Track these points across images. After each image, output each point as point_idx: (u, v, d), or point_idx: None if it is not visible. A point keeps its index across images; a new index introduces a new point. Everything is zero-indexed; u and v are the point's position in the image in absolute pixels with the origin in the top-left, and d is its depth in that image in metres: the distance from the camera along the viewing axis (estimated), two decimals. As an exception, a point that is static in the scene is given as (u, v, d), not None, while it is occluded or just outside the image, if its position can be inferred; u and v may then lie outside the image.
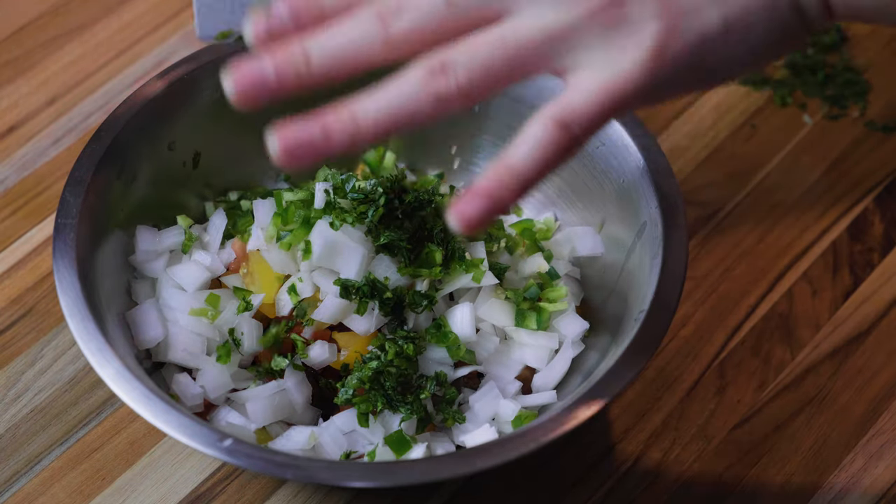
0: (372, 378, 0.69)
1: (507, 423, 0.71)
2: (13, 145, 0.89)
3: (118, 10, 0.98)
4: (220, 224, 0.76)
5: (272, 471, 0.62)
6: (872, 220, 0.86)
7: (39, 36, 0.96)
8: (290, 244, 0.72)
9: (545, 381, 0.72)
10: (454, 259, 0.72)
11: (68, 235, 0.69)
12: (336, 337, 0.71)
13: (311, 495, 0.72)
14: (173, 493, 0.73)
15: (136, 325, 0.72)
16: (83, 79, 0.93)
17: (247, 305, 0.71)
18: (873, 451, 0.75)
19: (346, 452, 0.69)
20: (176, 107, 0.76)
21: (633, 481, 0.74)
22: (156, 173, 0.76)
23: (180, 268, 0.74)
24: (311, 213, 0.72)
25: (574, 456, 0.74)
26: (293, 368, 0.71)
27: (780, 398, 0.77)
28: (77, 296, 0.67)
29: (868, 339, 0.80)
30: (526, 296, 0.73)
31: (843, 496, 0.73)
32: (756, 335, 0.80)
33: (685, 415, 0.76)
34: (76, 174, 0.71)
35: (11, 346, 0.79)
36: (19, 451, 0.74)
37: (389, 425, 0.70)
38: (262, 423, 0.70)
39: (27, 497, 0.72)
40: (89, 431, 0.75)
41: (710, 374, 0.78)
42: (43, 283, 0.81)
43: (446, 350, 0.71)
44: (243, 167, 0.80)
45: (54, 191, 0.86)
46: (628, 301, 0.71)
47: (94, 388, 0.76)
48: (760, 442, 0.75)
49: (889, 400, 0.77)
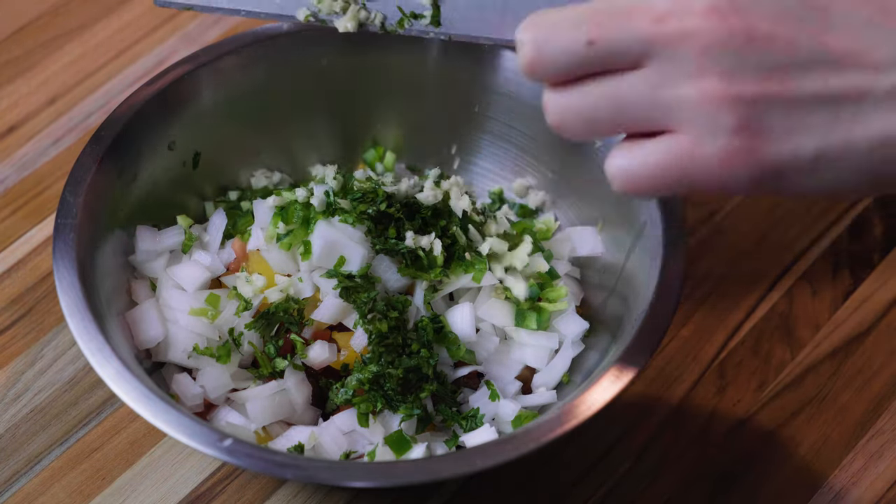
0: (372, 380, 0.69)
1: (507, 423, 0.71)
2: (13, 145, 0.89)
3: (118, 10, 0.98)
4: (220, 224, 0.76)
5: (272, 471, 0.62)
6: (872, 221, 0.85)
7: (39, 36, 0.96)
8: (290, 244, 0.72)
9: (545, 381, 0.73)
10: (454, 259, 0.72)
11: (68, 235, 0.69)
12: (336, 337, 0.72)
13: (311, 495, 0.72)
14: (173, 493, 0.73)
15: (136, 325, 0.71)
16: (83, 79, 0.93)
17: (246, 305, 0.71)
18: (873, 451, 0.75)
19: (346, 452, 0.69)
20: (176, 107, 0.76)
21: (633, 481, 0.74)
22: (156, 173, 0.76)
23: (180, 268, 0.74)
24: (311, 213, 0.72)
25: (574, 456, 0.74)
26: (293, 368, 0.71)
27: (780, 398, 0.77)
28: (77, 296, 0.66)
29: (868, 339, 0.80)
30: (526, 296, 0.73)
31: (843, 496, 0.73)
32: (756, 335, 0.80)
33: (685, 415, 0.76)
34: (76, 174, 0.71)
35: (11, 346, 0.79)
36: (19, 451, 0.74)
37: (389, 425, 0.70)
38: (262, 423, 0.70)
39: (27, 497, 0.72)
40: (89, 431, 0.75)
41: (710, 374, 0.78)
42: (43, 283, 0.81)
43: (446, 350, 0.71)
44: (243, 167, 0.80)
45: (54, 191, 0.86)
46: (628, 301, 0.71)
47: (94, 388, 0.76)
48: (760, 442, 0.75)
49: (889, 400, 0.77)
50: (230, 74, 0.77)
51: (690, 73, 0.50)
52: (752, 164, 0.50)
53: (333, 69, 0.79)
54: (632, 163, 0.52)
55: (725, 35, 0.50)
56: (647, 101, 0.51)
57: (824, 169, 0.51)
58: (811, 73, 0.49)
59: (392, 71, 0.79)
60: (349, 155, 0.82)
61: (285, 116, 0.80)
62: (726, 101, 0.50)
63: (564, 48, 0.52)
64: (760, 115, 0.50)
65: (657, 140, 0.52)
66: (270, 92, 0.79)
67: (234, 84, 0.77)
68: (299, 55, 0.78)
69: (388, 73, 0.79)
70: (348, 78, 0.79)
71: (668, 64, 0.50)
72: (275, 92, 0.79)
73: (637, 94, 0.51)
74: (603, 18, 0.51)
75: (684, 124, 0.51)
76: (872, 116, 0.49)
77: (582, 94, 0.52)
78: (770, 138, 0.50)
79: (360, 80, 0.80)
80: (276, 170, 0.81)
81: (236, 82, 0.77)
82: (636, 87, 0.51)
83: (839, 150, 0.50)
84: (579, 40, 0.51)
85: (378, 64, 0.79)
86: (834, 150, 0.50)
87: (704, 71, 0.50)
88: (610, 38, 0.51)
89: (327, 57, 0.78)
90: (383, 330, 0.69)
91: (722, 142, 0.50)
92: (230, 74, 0.77)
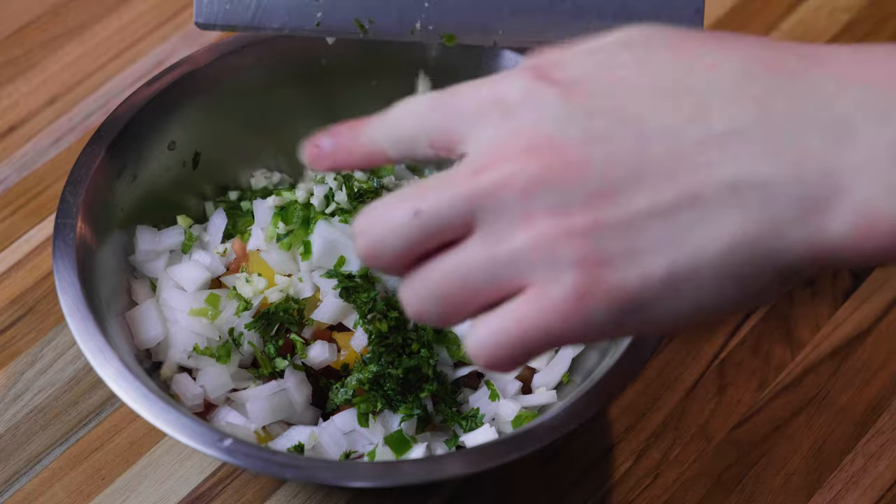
0: (372, 380, 0.69)
1: (507, 423, 0.71)
2: (13, 145, 0.89)
3: (118, 10, 0.98)
4: (220, 224, 0.76)
5: (272, 471, 0.62)
6: (872, 220, 0.85)
7: (39, 36, 0.96)
8: (290, 244, 0.72)
9: (545, 381, 0.73)
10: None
11: (68, 235, 0.69)
12: (336, 337, 0.72)
13: (311, 495, 0.72)
14: (173, 493, 0.73)
15: (136, 325, 0.71)
16: (83, 79, 0.93)
17: (246, 305, 0.71)
18: (873, 451, 0.75)
19: (346, 452, 0.69)
20: (176, 107, 0.76)
21: (633, 481, 0.74)
22: (156, 173, 0.76)
23: (180, 268, 0.74)
24: (311, 213, 0.72)
25: (574, 456, 0.74)
26: (293, 368, 0.71)
27: (780, 398, 0.77)
28: (77, 296, 0.66)
29: (868, 339, 0.80)
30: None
31: (843, 496, 0.73)
32: (756, 335, 0.80)
33: (685, 415, 0.76)
34: (76, 174, 0.71)
35: (11, 346, 0.79)
36: (19, 451, 0.74)
37: (389, 425, 0.70)
38: (262, 423, 0.70)
39: (27, 497, 0.72)
40: (89, 431, 0.75)
41: (710, 374, 0.78)
42: (43, 283, 0.81)
43: (446, 350, 0.71)
44: (243, 167, 0.81)
45: (54, 191, 0.86)
46: (628, 301, 0.71)
47: (94, 388, 0.76)
48: (760, 442, 0.75)
49: (889, 400, 0.77)
50: (230, 74, 0.77)
51: (518, 221, 0.47)
52: (603, 298, 0.46)
53: (333, 69, 0.79)
54: (489, 332, 0.48)
55: (543, 172, 0.46)
56: (487, 263, 0.47)
57: (683, 289, 0.46)
58: (639, 188, 0.46)
59: (392, 70, 0.79)
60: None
61: (285, 116, 0.80)
62: (560, 239, 0.46)
63: (392, 226, 0.48)
64: (597, 243, 0.46)
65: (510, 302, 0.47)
66: (270, 92, 0.79)
67: (234, 84, 0.77)
68: (299, 55, 0.78)
69: (389, 73, 0.79)
70: (348, 78, 0.79)
71: (495, 217, 0.47)
72: (275, 92, 0.79)
73: (476, 258, 0.47)
74: (424, 187, 0.49)
75: (529, 275, 0.47)
76: (716, 217, 0.45)
77: (428, 274, 0.49)
78: (614, 265, 0.46)
79: (360, 80, 0.80)
80: (275, 170, 0.81)
81: (236, 82, 0.77)
82: (473, 252, 0.48)
83: (690, 263, 0.45)
84: (405, 213, 0.48)
85: (378, 63, 0.79)
86: (685, 265, 0.45)
87: (531, 214, 0.46)
88: (432, 205, 0.48)
89: (327, 57, 0.78)
90: (383, 330, 0.69)
91: (567, 280, 0.46)
92: (230, 74, 0.77)
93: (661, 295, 0.46)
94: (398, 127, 0.51)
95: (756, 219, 0.45)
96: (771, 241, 0.45)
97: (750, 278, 0.46)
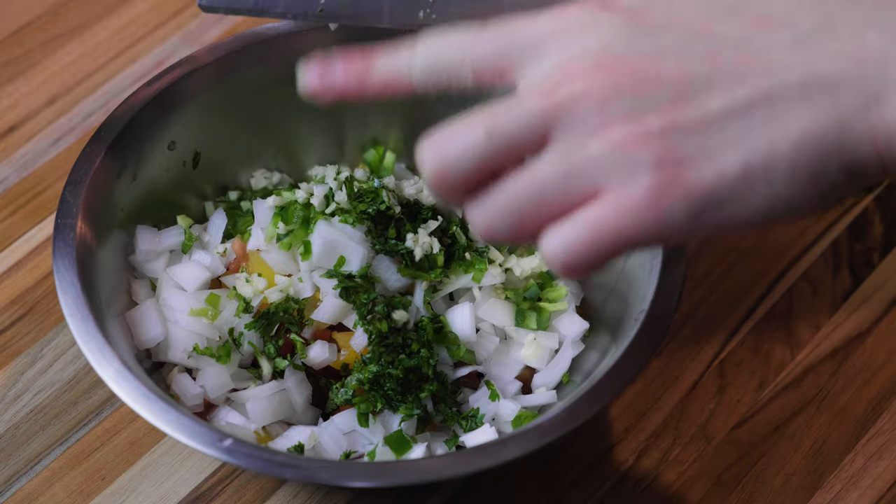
0: (372, 380, 0.69)
1: (507, 423, 0.71)
2: (13, 145, 0.89)
3: (118, 10, 0.98)
4: (220, 224, 0.76)
5: (272, 471, 0.62)
6: (872, 220, 0.85)
7: (39, 36, 0.96)
8: (290, 244, 0.72)
9: (545, 381, 0.73)
10: (454, 259, 0.72)
11: (68, 235, 0.69)
12: (336, 337, 0.72)
13: (311, 495, 0.72)
14: (173, 493, 0.73)
15: (136, 325, 0.71)
16: (83, 79, 0.93)
17: (246, 305, 0.71)
18: (873, 451, 0.75)
19: (346, 452, 0.69)
20: (176, 107, 0.76)
21: (633, 481, 0.74)
22: (156, 173, 0.76)
23: (180, 268, 0.74)
24: (311, 213, 0.72)
25: (574, 456, 0.74)
26: (293, 368, 0.71)
27: (780, 398, 0.77)
28: (77, 296, 0.67)
29: (868, 339, 0.80)
30: (526, 296, 0.73)
31: (843, 496, 0.73)
32: (756, 335, 0.80)
33: (685, 415, 0.76)
34: (76, 174, 0.71)
35: (11, 346, 0.79)
36: (19, 451, 0.74)
37: (389, 425, 0.70)
38: (262, 423, 0.70)
39: (27, 497, 0.72)
40: (89, 431, 0.75)
41: (710, 374, 0.78)
42: (43, 283, 0.81)
43: (446, 350, 0.71)
44: (243, 167, 0.80)
45: (54, 191, 0.86)
46: (628, 301, 0.71)
47: (94, 388, 0.76)
48: (760, 442, 0.75)
49: (889, 400, 0.77)
50: (230, 74, 0.77)
51: (595, 130, 0.48)
52: (681, 195, 0.48)
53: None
54: (566, 239, 0.49)
55: (616, 84, 0.48)
56: (564, 172, 0.49)
57: (757, 184, 0.48)
58: (713, 91, 0.48)
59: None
60: (349, 155, 0.82)
61: (285, 116, 0.80)
62: (637, 141, 0.48)
63: (464, 148, 0.50)
64: (674, 143, 0.48)
65: (585, 208, 0.49)
66: (270, 92, 0.78)
67: (234, 84, 0.77)
68: (299, 55, 0.78)
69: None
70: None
71: (571, 129, 0.49)
72: (275, 92, 0.79)
73: (552, 169, 0.49)
74: (494, 110, 0.50)
75: (605, 180, 0.48)
76: (787, 114, 0.48)
77: (500, 192, 0.50)
78: (692, 163, 0.48)
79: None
80: (275, 170, 0.81)
81: (236, 82, 0.77)
82: (550, 164, 0.49)
83: (764, 157, 0.48)
84: (477, 135, 0.50)
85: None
86: (759, 160, 0.48)
87: (607, 122, 0.48)
88: (505, 124, 0.50)
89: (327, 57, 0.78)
90: (383, 330, 0.69)
91: (645, 181, 0.48)
92: (230, 74, 0.77)
93: (736, 191, 0.48)
94: (436, 54, 0.53)
95: (825, 114, 0.47)
96: (838, 135, 0.47)
97: (819, 174, 0.48)
